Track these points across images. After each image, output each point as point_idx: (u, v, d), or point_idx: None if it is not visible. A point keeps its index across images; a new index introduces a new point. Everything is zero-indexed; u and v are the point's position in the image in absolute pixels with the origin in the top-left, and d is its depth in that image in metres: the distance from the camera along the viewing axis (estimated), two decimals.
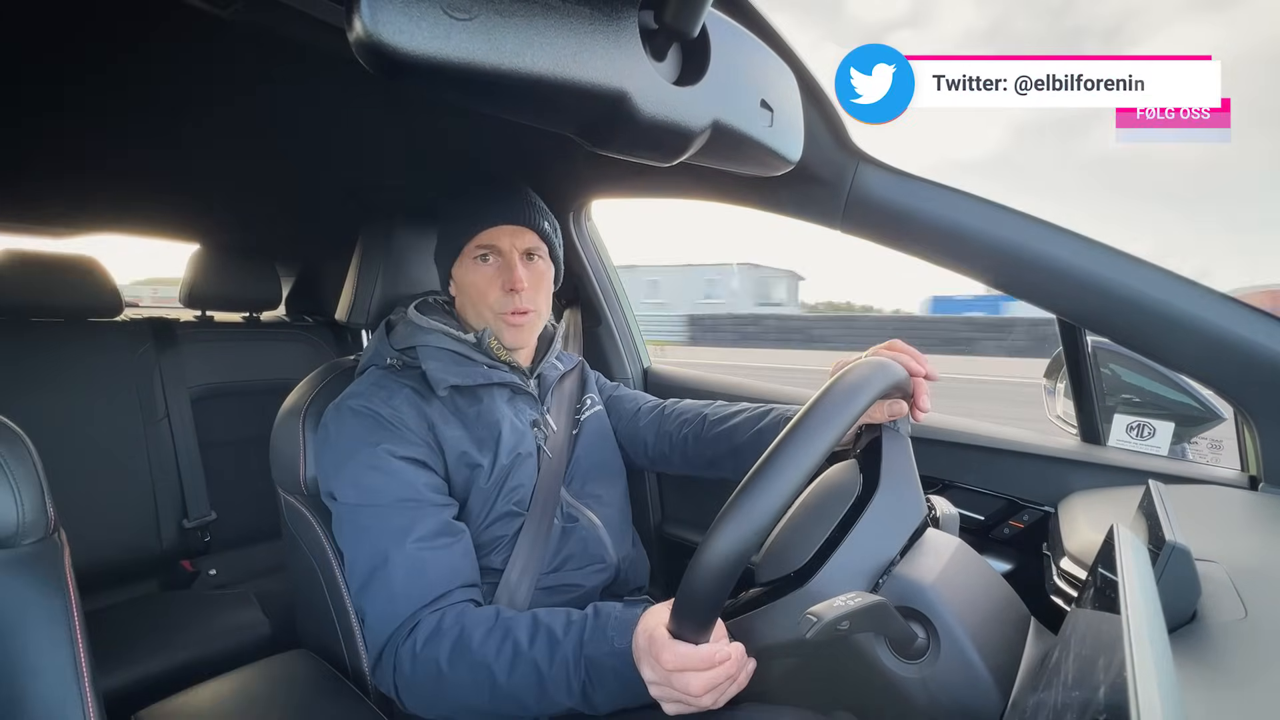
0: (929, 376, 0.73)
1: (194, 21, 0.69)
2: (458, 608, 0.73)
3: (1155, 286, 0.78)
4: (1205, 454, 0.92)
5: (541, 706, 0.66)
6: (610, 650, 0.63)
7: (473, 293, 0.87)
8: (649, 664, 0.58)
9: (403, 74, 0.33)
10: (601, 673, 0.63)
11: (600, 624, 0.66)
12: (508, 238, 0.87)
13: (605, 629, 0.65)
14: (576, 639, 0.65)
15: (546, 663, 0.64)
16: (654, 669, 0.58)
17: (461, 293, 0.90)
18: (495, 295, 0.86)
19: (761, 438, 0.88)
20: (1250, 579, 0.53)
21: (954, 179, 10.37)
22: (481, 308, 0.87)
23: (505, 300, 0.86)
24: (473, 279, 0.87)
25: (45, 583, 0.53)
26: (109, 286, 1.50)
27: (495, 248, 0.87)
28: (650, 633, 0.58)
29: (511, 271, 0.86)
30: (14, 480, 0.52)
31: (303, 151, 1.25)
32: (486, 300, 0.87)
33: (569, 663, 0.64)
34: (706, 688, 0.56)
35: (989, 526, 0.99)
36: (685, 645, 0.56)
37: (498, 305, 0.87)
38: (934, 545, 0.62)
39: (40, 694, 0.51)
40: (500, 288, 0.86)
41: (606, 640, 0.64)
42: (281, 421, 0.92)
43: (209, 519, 1.56)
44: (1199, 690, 0.39)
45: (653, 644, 0.57)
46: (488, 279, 0.87)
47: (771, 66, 0.55)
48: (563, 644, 0.65)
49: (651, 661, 0.58)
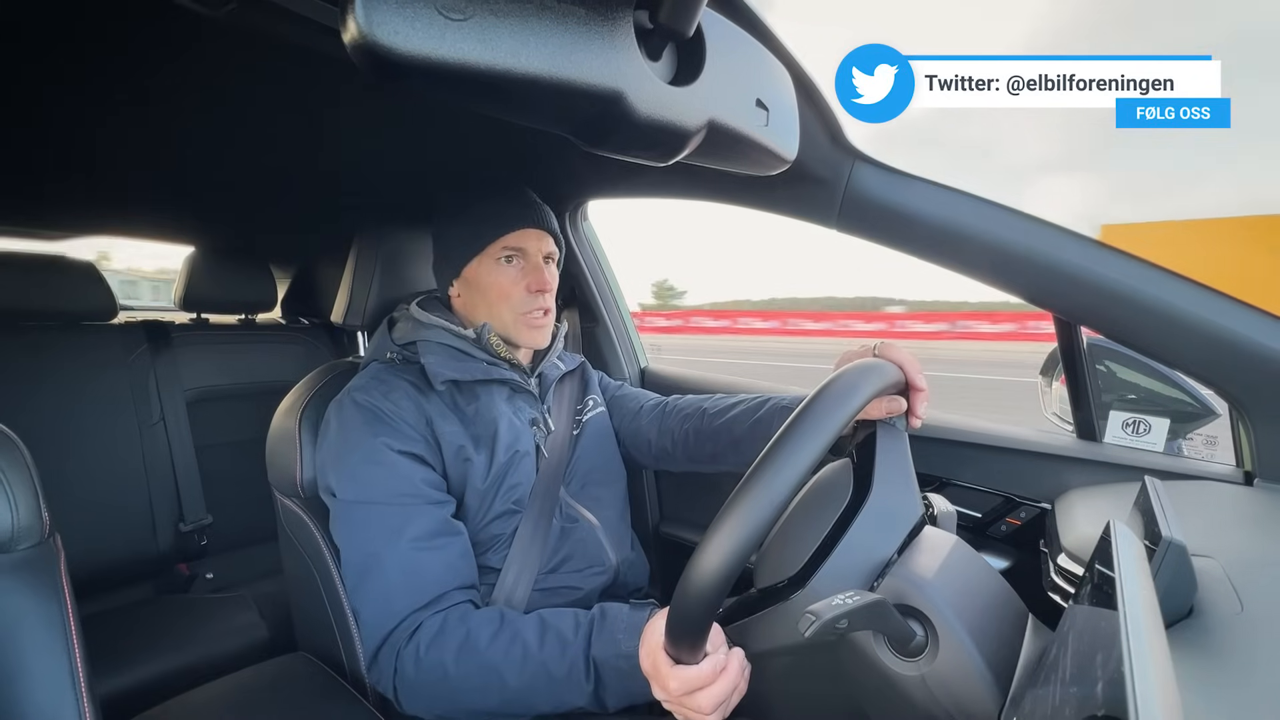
0: (920, 388, 0.72)
1: (187, 23, 0.69)
2: (460, 609, 0.73)
3: (1150, 283, 0.78)
4: (1200, 450, 0.93)
5: (552, 707, 0.66)
6: (618, 653, 0.64)
7: (493, 293, 0.87)
8: (658, 688, 0.60)
9: (397, 75, 0.32)
10: (611, 674, 0.64)
11: (608, 626, 0.66)
12: (534, 241, 0.88)
13: (614, 631, 0.65)
14: (585, 640, 0.66)
15: (557, 664, 0.65)
16: (663, 693, 0.59)
17: (476, 292, 0.89)
18: (519, 296, 0.87)
19: (760, 428, 0.88)
20: (1246, 574, 0.53)
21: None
22: (501, 308, 0.88)
23: (529, 300, 0.87)
24: (495, 279, 0.87)
25: (41, 587, 0.53)
26: (103, 289, 1.49)
27: (523, 250, 0.88)
28: (653, 657, 0.59)
29: (540, 273, 0.88)
30: (8, 485, 0.52)
31: (297, 153, 1.24)
32: (509, 300, 0.87)
33: (579, 664, 0.64)
34: (715, 703, 0.57)
35: (986, 524, 0.99)
36: (687, 669, 0.56)
37: (521, 305, 0.87)
38: (931, 543, 0.62)
39: (36, 699, 0.50)
40: (525, 289, 0.87)
41: (614, 643, 0.64)
42: (277, 424, 0.92)
43: (205, 522, 1.55)
44: (1196, 685, 0.39)
45: (657, 672, 0.58)
46: (511, 280, 0.87)
47: (767, 66, 0.55)
48: (572, 645, 0.66)
49: (659, 689, 0.59)
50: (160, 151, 1.20)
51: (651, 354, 1.51)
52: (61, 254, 1.47)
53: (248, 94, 0.97)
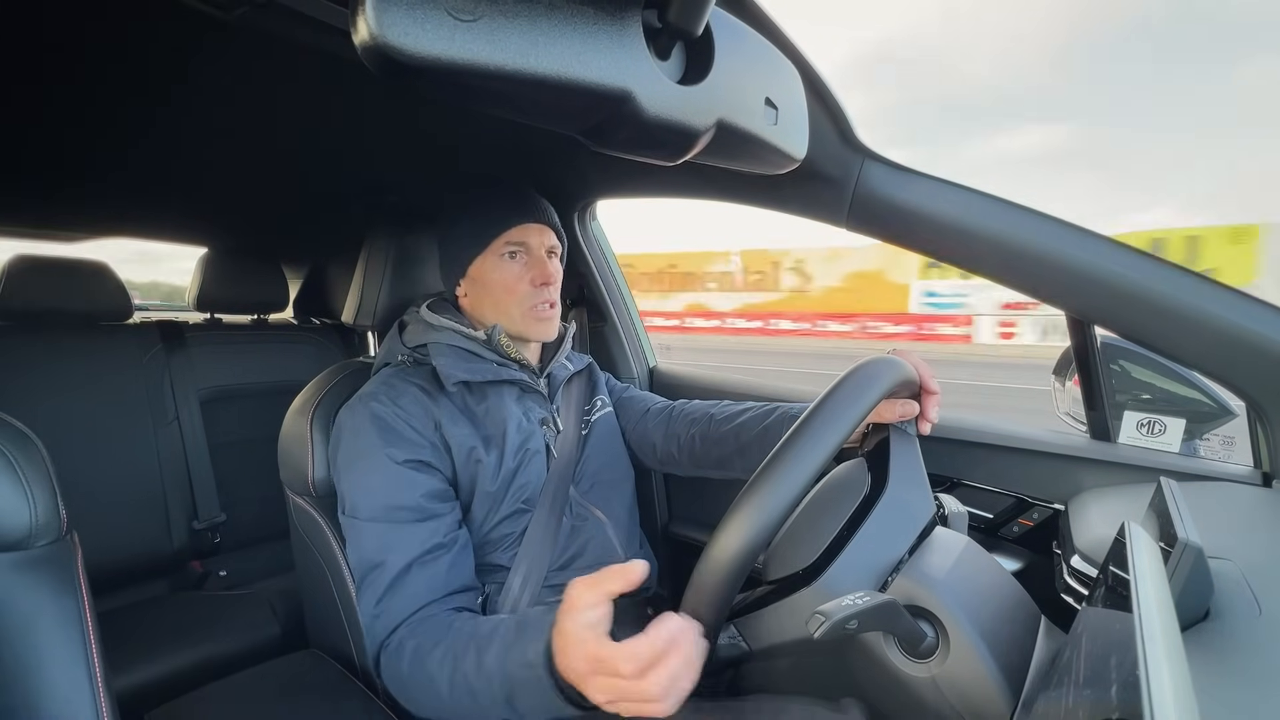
0: (932, 391, 0.73)
1: (200, 25, 0.70)
2: (432, 619, 0.73)
3: (1164, 282, 0.77)
4: (1217, 450, 0.91)
5: (485, 717, 0.63)
6: (524, 661, 0.57)
7: (499, 288, 0.88)
8: (601, 685, 0.51)
9: (408, 76, 0.33)
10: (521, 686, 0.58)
11: (518, 631, 0.61)
12: (536, 235, 0.89)
13: (523, 636, 0.59)
14: (500, 650, 0.60)
15: (474, 676, 0.61)
16: (608, 687, 0.50)
17: (482, 289, 0.90)
18: (524, 289, 0.88)
19: (768, 435, 0.88)
20: (1264, 576, 0.52)
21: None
22: (508, 303, 0.88)
23: (535, 294, 0.88)
24: (499, 275, 0.88)
25: (58, 584, 0.54)
26: (119, 290, 1.51)
27: (526, 245, 0.89)
28: (586, 649, 0.51)
29: (543, 266, 0.89)
30: (26, 483, 0.52)
31: (309, 154, 1.25)
32: (515, 295, 0.88)
33: (493, 676, 0.60)
34: (669, 679, 0.49)
35: (998, 525, 0.98)
36: (638, 642, 0.49)
37: (527, 299, 0.88)
38: (943, 544, 0.62)
39: (54, 694, 0.51)
40: (530, 282, 0.88)
41: (521, 649, 0.58)
42: (289, 424, 0.93)
43: (219, 520, 1.57)
44: (1213, 689, 0.39)
45: (601, 663, 0.50)
46: (516, 275, 0.88)
47: (776, 64, 0.54)
48: (486, 656, 0.61)
49: (604, 681, 0.50)
50: (174, 154, 1.22)
51: (661, 355, 1.51)
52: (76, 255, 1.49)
53: (260, 96, 0.98)
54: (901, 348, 0.75)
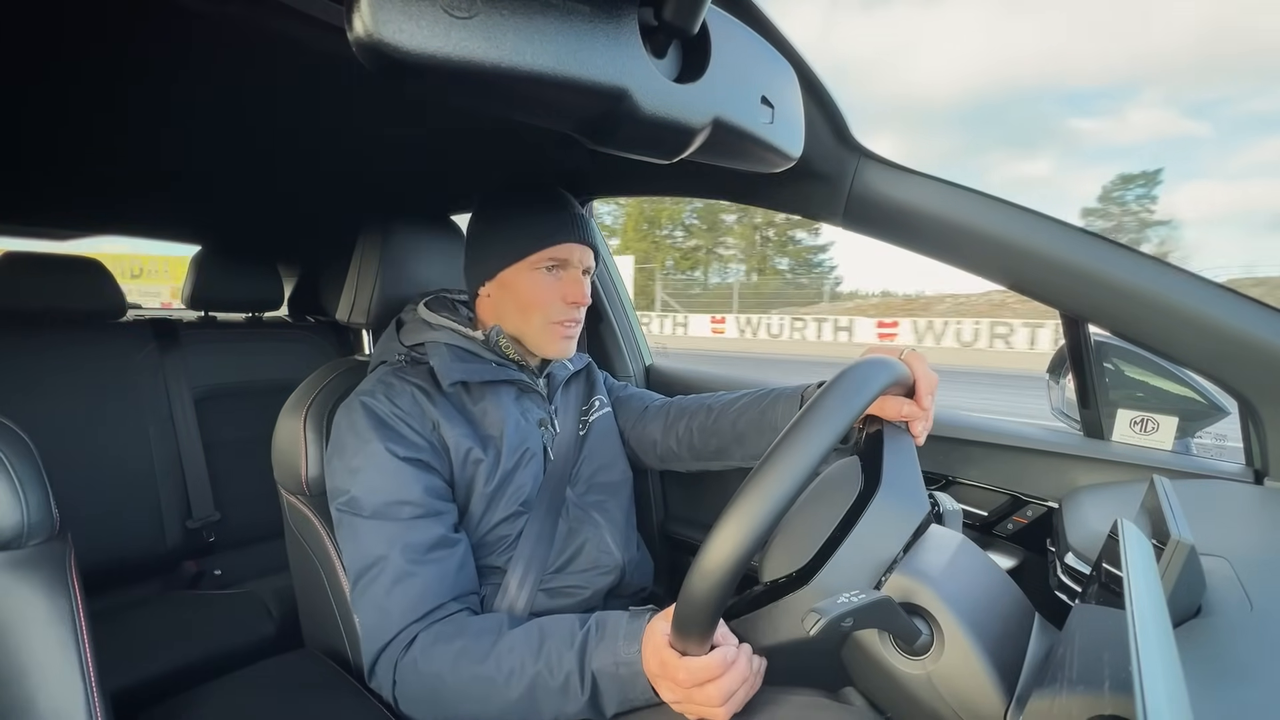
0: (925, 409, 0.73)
1: (191, 21, 0.69)
2: (456, 618, 0.74)
3: (1158, 281, 0.78)
4: (1210, 448, 0.92)
5: (549, 716, 0.66)
6: (617, 660, 0.64)
7: (529, 299, 0.86)
8: (667, 686, 0.60)
9: (403, 73, 0.33)
10: (609, 683, 0.64)
11: (607, 635, 0.66)
12: (579, 254, 0.88)
13: (613, 640, 0.65)
14: (580, 651, 0.65)
15: (553, 676, 0.65)
16: (672, 690, 0.59)
17: (510, 296, 0.87)
18: (555, 305, 0.87)
19: (764, 420, 0.88)
20: (1256, 573, 0.52)
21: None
22: (533, 314, 0.87)
23: (564, 310, 0.87)
24: (533, 286, 0.86)
25: (51, 584, 0.53)
26: (112, 288, 1.50)
27: (566, 262, 0.87)
28: (659, 654, 0.59)
29: (579, 286, 0.88)
30: (18, 482, 0.52)
31: (303, 152, 1.25)
32: (544, 308, 0.86)
33: (575, 675, 0.64)
34: (725, 695, 0.57)
35: (992, 522, 0.99)
36: (695, 660, 0.57)
37: (555, 314, 0.87)
38: (937, 541, 0.62)
39: (47, 694, 0.51)
40: (562, 299, 0.87)
41: (613, 651, 0.64)
42: (282, 422, 0.92)
43: (213, 519, 1.56)
44: (1205, 685, 0.39)
45: (664, 669, 0.59)
46: (550, 289, 0.86)
47: (772, 63, 0.54)
48: (568, 656, 0.65)
49: (669, 684, 0.59)
50: (166, 150, 1.21)
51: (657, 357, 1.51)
52: (69, 253, 1.48)
53: (253, 92, 0.97)
54: (916, 352, 0.74)
